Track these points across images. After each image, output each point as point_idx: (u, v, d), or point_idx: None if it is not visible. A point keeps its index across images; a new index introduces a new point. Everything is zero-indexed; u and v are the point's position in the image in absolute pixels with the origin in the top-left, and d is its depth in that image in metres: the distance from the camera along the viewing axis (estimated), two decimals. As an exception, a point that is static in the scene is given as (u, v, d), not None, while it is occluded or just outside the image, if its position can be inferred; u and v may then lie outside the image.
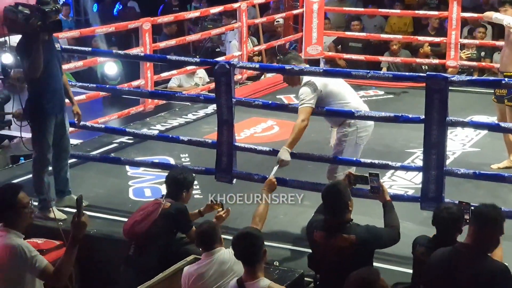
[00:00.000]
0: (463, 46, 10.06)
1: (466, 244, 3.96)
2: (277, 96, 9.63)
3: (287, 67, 5.72)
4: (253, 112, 8.28)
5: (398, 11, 11.33)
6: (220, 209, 5.44)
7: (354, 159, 5.60)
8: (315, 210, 4.82)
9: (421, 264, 4.36)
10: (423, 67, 10.10)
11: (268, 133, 8.32)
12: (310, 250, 4.75)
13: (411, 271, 4.59)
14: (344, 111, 5.56)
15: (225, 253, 4.58)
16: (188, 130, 8.27)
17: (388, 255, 4.99)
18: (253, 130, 8.36)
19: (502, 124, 5.29)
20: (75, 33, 8.57)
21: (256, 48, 10.43)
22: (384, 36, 10.90)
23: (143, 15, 10.06)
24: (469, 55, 10.15)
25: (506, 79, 6.29)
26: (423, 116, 5.29)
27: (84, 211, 3.83)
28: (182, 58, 8.29)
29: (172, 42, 9.40)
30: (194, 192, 5.67)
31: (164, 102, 8.89)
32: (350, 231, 4.42)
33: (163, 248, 5.24)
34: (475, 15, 10.27)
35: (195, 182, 5.64)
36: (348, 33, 10.93)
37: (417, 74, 6.09)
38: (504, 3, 7.00)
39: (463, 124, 5.59)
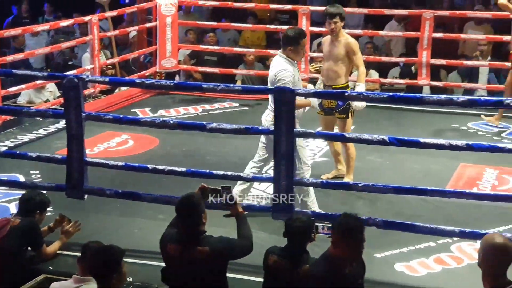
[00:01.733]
0: (312, 59, 10.36)
1: (333, 255, 4.08)
2: (132, 110, 9.57)
3: (138, 80, 5.70)
4: (108, 126, 8.21)
5: (251, 25, 11.53)
6: (68, 223, 5.36)
7: (207, 171, 5.67)
8: (169, 223, 4.83)
9: (273, 272, 4.46)
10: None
11: (123, 147, 8.24)
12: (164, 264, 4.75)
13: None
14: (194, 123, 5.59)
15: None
16: (39, 146, 8.07)
17: (241, 265, 5.05)
18: (107, 145, 8.26)
19: (347, 135, 5.49)
20: None
21: (109, 61, 10.32)
22: (237, 49, 11.06)
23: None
24: (318, 68, 10.45)
25: (348, 90, 6.55)
26: (273, 128, 5.42)
27: None
28: (29, 73, 8.01)
29: (20, 55, 9.16)
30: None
31: (12, 117, 8.62)
32: (204, 243, 4.44)
33: (13, 267, 5.09)
34: (324, 29, 10.62)
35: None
36: (203, 46, 11.01)
37: (265, 87, 6.22)
38: None
39: (311, 135, 5.76)
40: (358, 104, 6.67)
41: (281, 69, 5.92)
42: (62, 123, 8.53)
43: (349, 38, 6.89)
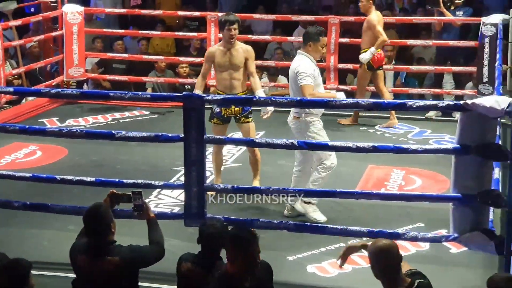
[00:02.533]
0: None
1: (229, 273, 4.00)
2: (39, 120, 9.41)
3: (44, 90, 5.61)
4: (15, 137, 8.04)
5: (159, 32, 11.49)
6: None
7: (117, 180, 5.63)
8: (78, 233, 4.76)
9: (186, 280, 4.45)
10: (186, 86, 10.30)
11: (31, 158, 8.09)
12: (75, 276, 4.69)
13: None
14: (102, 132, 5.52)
15: None
16: None
17: (153, 273, 5.04)
18: (15, 156, 8.10)
19: (256, 140, 5.55)
20: None
21: (14, 71, 10.11)
22: (147, 57, 10.99)
23: None
24: None
25: (257, 96, 6.61)
26: (183, 135, 5.42)
27: None
28: None
29: None
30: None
31: None
32: (114, 253, 4.39)
33: None
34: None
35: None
36: (110, 54, 10.90)
37: (174, 94, 6.23)
38: None
39: (221, 141, 5.79)
40: (268, 109, 6.73)
41: (301, 63, 6.15)
42: (-34, 135, 8.34)
43: (245, 45, 6.96)
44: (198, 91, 6.74)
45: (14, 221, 6.28)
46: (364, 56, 8.94)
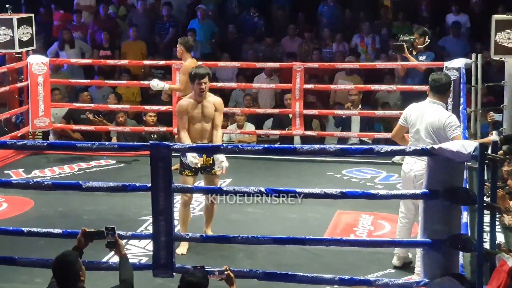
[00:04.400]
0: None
1: None
2: (5, 172, 9.30)
3: (9, 142, 5.54)
4: (-20, 189, 7.95)
5: (125, 81, 11.50)
6: None
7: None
8: (49, 283, 4.70)
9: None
10: (152, 135, 10.28)
11: (-4, 210, 7.99)
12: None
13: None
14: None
15: None
16: None
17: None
18: (-20, 209, 7.99)
19: (224, 188, 5.54)
20: None
21: (-21, 123, 10.03)
22: (112, 106, 10.94)
23: None
24: None
25: (224, 144, 6.60)
26: (150, 184, 5.39)
27: None
28: None
29: None
30: None
31: None
32: (84, 300, 4.37)
33: None
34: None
35: None
36: (76, 105, 10.86)
37: (141, 143, 6.21)
38: None
39: (189, 190, 5.77)
40: (222, 165, 6.68)
41: (449, 115, 6.01)
42: None
43: (215, 97, 6.95)
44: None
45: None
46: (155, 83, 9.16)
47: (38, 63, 10.17)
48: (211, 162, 6.77)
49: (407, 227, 6.30)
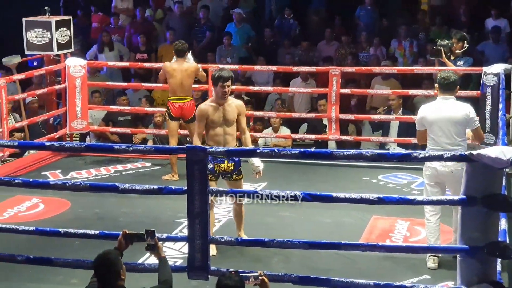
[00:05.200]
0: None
1: None
2: (42, 173, 9.40)
3: (48, 143, 5.59)
4: (17, 190, 8.03)
5: (161, 84, 11.54)
6: None
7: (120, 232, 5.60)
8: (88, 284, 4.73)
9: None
10: (188, 138, 10.31)
11: (33, 211, 8.05)
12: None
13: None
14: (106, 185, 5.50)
15: None
16: None
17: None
18: (17, 209, 8.06)
19: (260, 191, 5.53)
20: None
21: (17, 125, 10.14)
22: (148, 109, 11.04)
23: None
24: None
25: (260, 148, 6.59)
26: (186, 187, 5.40)
27: None
28: None
29: None
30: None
31: None
32: (124, 298, 4.41)
33: None
34: (233, 87, 10.77)
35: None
36: (113, 107, 10.96)
37: (177, 146, 6.23)
38: None
39: (224, 193, 5.77)
40: (258, 164, 6.71)
41: (468, 106, 6.34)
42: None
43: (237, 101, 6.94)
44: None
45: (14, 276, 6.22)
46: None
47: (76, 65, 10.25)
48: (232, 168, 6.70)
49: (437, 224, 6.33)
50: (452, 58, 9.32)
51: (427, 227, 6.39)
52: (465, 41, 9.37)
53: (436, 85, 6.47)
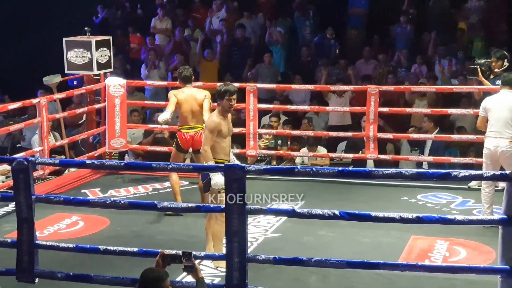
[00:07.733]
0: (261, 135, 10.51)
1: None
2: (82, 191, 9.49)
3: (88, 161, 5.66)
4: (57, 208, 8.07)
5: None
6: None
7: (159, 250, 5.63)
8: None
9: None
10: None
11: (73, 229, 8.13)
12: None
13: None
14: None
15: None
16: (-13, 230, 7.93)
17: None
18: (57, 227, 8.14)
19: (298, 210, 5.54)
20: None
21: (58, 143, 10.27)
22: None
23: None
24: (267, 143, 10.68)
25: (298, 166, 6.61)
26: (224, 206, 5.42)
27: None
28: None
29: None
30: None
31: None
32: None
33: None
34: (271, 106, 10.86)
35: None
36: (151, 126, 11.06)
37: (216, 165, 6.25)
38: None
39: (262, 212, 5.78)
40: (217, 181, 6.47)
41: None
42: (11, 206, 8.42)
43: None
44: (212, 163, 6.60)
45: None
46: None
47: (115, 85, 10.36)
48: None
49: (492, 194, 7.61)
50: (492, 76, 9.21)
51: (482, 196, 7.66)
52: (505, 60, 9.27)
53: (499, 81, 7.88)
